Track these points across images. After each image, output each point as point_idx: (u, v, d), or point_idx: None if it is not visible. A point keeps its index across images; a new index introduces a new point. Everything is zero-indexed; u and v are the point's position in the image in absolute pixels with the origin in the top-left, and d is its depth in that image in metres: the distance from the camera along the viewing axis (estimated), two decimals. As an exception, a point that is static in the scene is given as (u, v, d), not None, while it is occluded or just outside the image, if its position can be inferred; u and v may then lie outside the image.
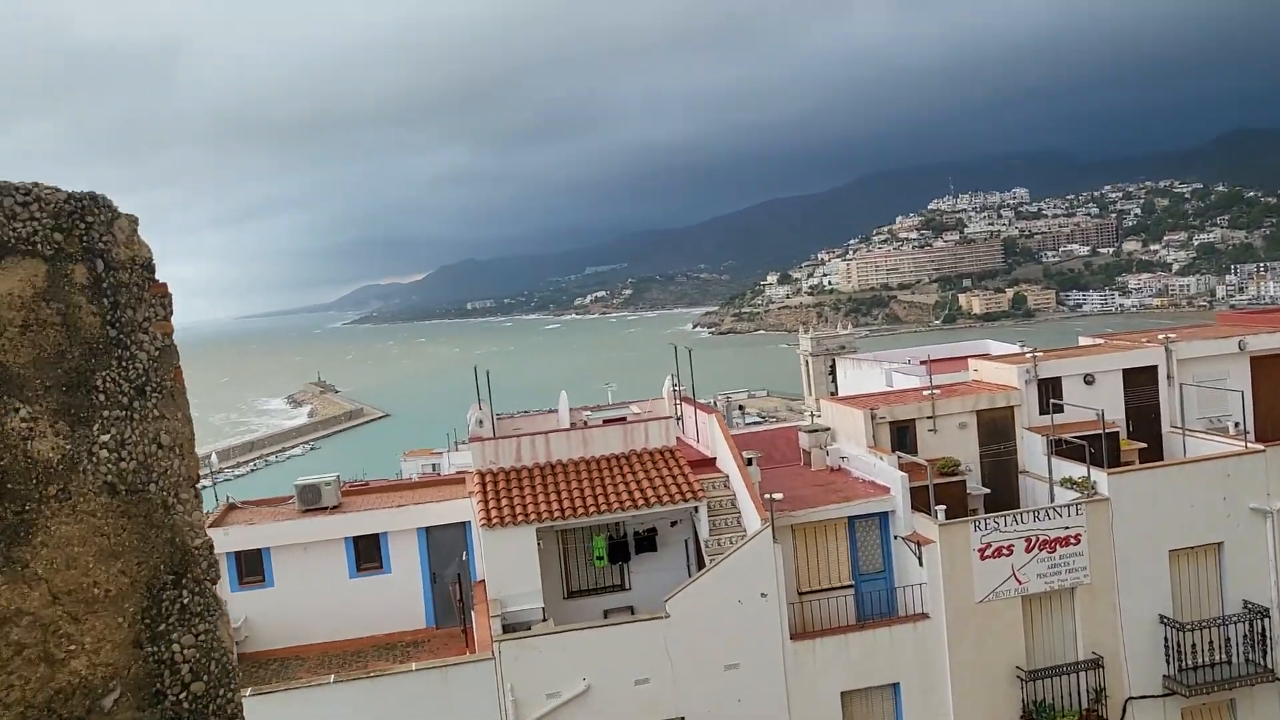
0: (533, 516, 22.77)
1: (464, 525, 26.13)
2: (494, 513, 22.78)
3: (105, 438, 2.39)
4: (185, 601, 2.51)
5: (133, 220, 2.50)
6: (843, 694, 22.40)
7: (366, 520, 25.85)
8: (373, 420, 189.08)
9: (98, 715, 2.35)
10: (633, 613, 23.47)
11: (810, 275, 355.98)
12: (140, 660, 2.43)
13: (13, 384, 2.25)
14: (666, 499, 23.01)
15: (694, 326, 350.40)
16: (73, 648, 2.32)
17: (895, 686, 22.70)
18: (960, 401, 27.12)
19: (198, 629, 2.52)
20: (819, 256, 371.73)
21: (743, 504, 23.65)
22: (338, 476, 28.17)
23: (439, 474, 47.55)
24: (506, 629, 21.74)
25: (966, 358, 32.60)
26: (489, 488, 23.67)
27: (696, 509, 23.47)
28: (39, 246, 2.31)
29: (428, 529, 26.35)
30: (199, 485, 2.58)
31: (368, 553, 25.84)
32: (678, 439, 26.23)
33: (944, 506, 23.43)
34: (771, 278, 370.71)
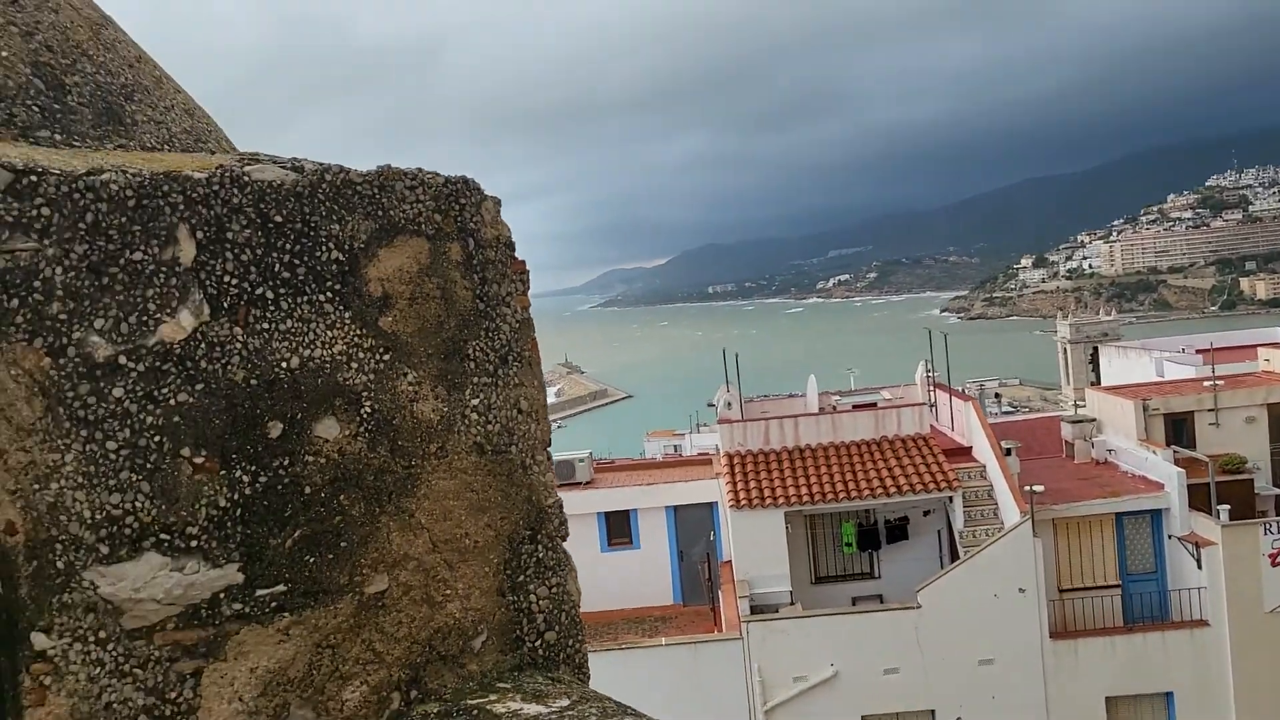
0: (781, 500, 22.79)
1: (711, 506, 26.45)
2: (743, 494, 22.95)
3: (475, 402, 2.60)
4: (540, 556, 2.70)
5: (497, 202, 2.71)
6: (1107, 699, 21.20)
7: (618, 497, 26.63)
8: (616, 401, 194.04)
9: (469, 655, 2.57)
10: (882, 601, 23.09)
11: (1068, 258, 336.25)
12: (503, 608, 2.64)
13: (403, 351, 2.49)
14: (919, 487, 22.46)
15: (941, 311, 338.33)
16: (448, 592, 2.54)
17: (1168, 696, 21.27)
18: (1248, 393, 24.97)
19: (550, 582, 2.71)
20: (1078, 238, 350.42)
21: (1000, 495, 22.77)
22: (590, 453, 29.16)
23: (680, 455, 48.23)
24: (754, 610, 21.89)
25: (1254, 346, 29.96)
26: (737, 470, 23.85)
27: (951, 499, 22.80)
28: (423, 226, 2.54)
29: (676, 507, 26.85)
30: (550, 448, 2.76)
31: (619, 528, 26.62)
32: (931, 426, 25.52)
33: (1227, 506, 21.68)
34: (1025, 261, 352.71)
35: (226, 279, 2.27)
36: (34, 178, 2.07)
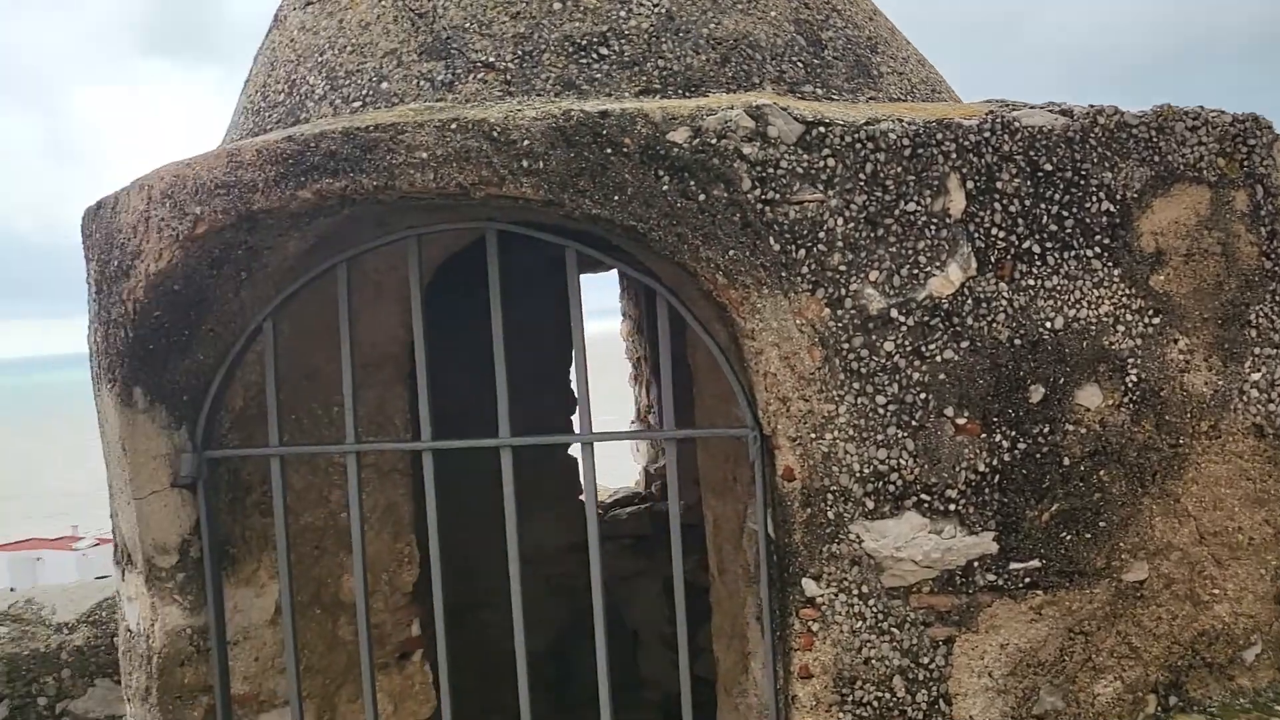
0: None
1: None
2: None
3: (1255, 376, 2.26)
4: (1324, 564, 2.29)
5: (1288, 143, 2.31)
6: None
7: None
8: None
9: (1238, 667, 2.25)
10: None
11: None
12: None
13: (1174, 314, 2.22)
14: None
15: None
16: (1215, 591, 2.24)
17: None
18: None
19: (1332, 596, 2.29)
20: None
21: None
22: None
23: None
24: None
25: None
26: None
27: None
28: (1204, 172, 2.24)
29: None
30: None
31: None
32: None
33: None
34: None
35: (993, 231, 2.16)
36: (822, 129, 2.09)
